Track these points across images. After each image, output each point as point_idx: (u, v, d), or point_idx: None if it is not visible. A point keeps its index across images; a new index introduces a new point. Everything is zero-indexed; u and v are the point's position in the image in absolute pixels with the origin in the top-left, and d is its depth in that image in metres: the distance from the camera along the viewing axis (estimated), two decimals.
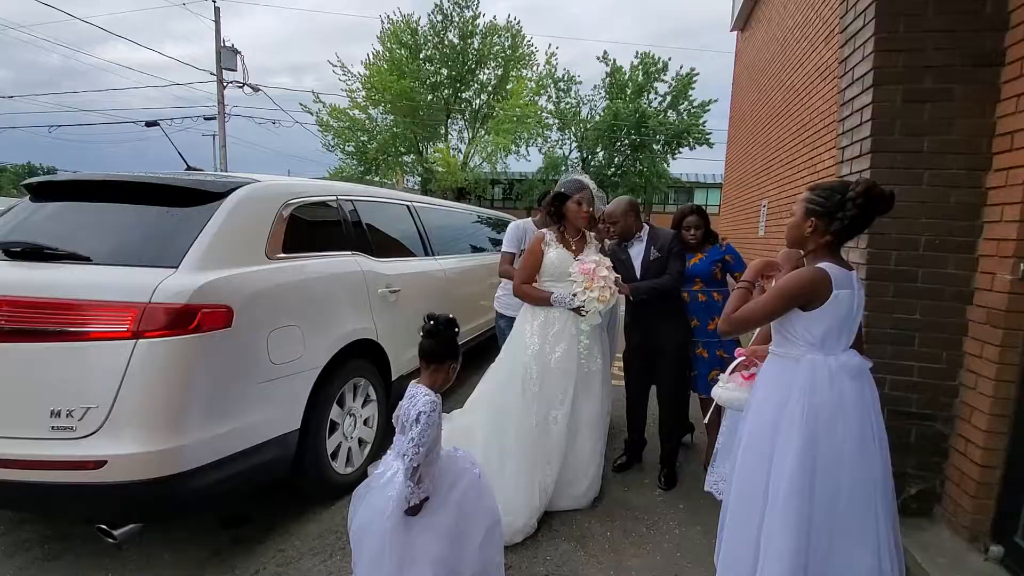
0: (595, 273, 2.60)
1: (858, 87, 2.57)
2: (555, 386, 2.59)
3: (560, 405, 2.60)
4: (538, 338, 2.63)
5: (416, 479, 1.59)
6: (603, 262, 2.67)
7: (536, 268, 2.73)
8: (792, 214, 1.84)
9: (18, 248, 2.09)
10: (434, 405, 1.62)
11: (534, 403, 2.55)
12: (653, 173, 24.75)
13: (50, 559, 2.24)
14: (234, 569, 2.19)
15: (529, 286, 2.74)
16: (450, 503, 1.70)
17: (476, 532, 1.75)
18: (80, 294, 1.89)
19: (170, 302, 1.90)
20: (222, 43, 17.17)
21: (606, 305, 2.61)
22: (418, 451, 1.55)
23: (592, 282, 2.58)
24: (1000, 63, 2.29)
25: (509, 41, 23.81)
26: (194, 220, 2.21)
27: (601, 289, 2.58)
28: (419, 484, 1.60)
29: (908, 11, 2.37)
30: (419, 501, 1.62)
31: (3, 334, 1.87)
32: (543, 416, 2.56)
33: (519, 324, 2.76)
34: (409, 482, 1.59)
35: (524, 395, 2.56)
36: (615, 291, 2.64)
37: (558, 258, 2.68)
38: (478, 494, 1.78)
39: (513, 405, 2.56)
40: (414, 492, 1.60)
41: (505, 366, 2.70)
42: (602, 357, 2.79)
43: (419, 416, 1.58)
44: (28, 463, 1.78)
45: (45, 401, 1.82)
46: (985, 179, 2.31)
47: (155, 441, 1.84)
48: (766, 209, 6.83)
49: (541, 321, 2.67)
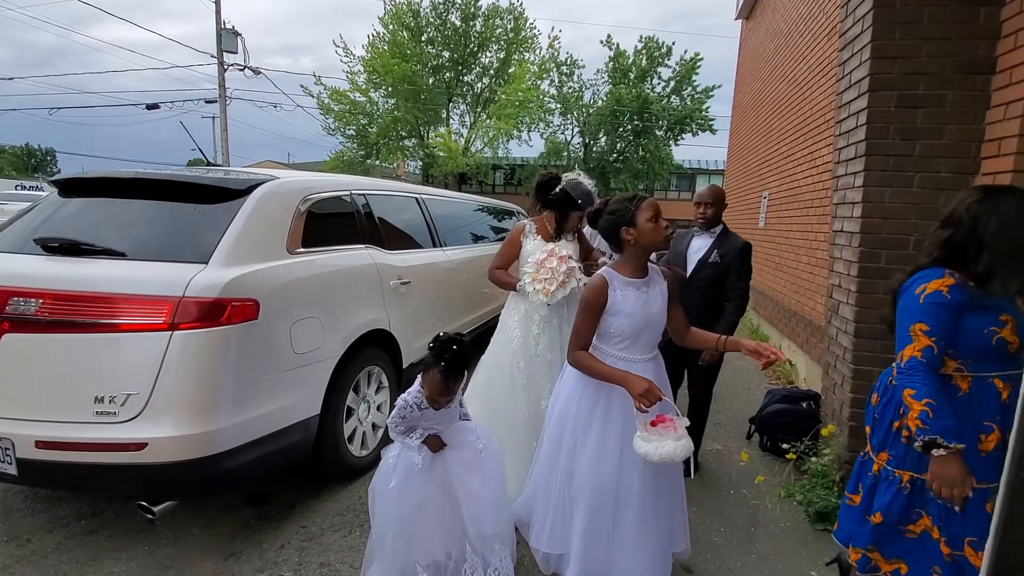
0: (543, 263, 2.55)
1: (855, 91, 2.66)
2: (541, 376, 2.62)
3: (549, 394, 2.64)
4: (520, 331, 2.66)
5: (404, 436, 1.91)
6: (557, 252, 2.57)
7: (512, 257, 2.80)
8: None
9: (56, 244, 2.21)
10: (406, 402, 1.89)
11: (523, 393, 2.61)
12: (655, 159, 24.67)
13: (87, 534, 2.40)
14: (261, 544, 2.35)
15: (501, 271, 2.79)
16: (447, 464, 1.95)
17: (470, 500, 1.94)
18: (118, 288, 2.02)
19: (202, 296, 2.03)
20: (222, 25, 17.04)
21: (550, 297, 2.53)
22: (394, 427, 1.91)
23: (537, 273, 2.55)
24: (991, 71, 2.39)
25: (512, 24, 23.57)
26: (220, 217, 2.32)
27: (545, 281, 2.52)
28: (410, 437, 1.90)
29: (905, 19, 2.46)
30: (421, 440, 1.91)
31: (46, 325, 2.01)
32: (535, 405, 2.60)
33: (504, 316, 2.80)
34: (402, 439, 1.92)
35: (513, 388, 2.61)
36: (563, 283, 2.52)
37: (535, 248, 2.69)
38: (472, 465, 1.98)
39: (503, 400, 2.61)
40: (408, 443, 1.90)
41: (493, 358, 2.74)
42: None
43: (397, 403, 1.91)
44: (76, 445, 1.93)
45: (89, 388, 1.97)
46: (973, 183, 2.42)
47: (191, 425, 1.98)
48: (767, 200, 6.91)
49: (523, 313, 2.69)
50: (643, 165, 24.62)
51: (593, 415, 1.91)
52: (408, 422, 1.90)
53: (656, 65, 24.51)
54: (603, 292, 1.84)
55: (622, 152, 25.34)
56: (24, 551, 2.26)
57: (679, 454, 1.66)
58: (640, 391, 1.70)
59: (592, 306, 1.85)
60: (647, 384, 1.72)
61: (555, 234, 2.75)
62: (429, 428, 1.93)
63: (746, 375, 5.21)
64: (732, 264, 2.82)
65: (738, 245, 2.85)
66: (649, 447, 1.67)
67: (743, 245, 2.86)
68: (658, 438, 1.68)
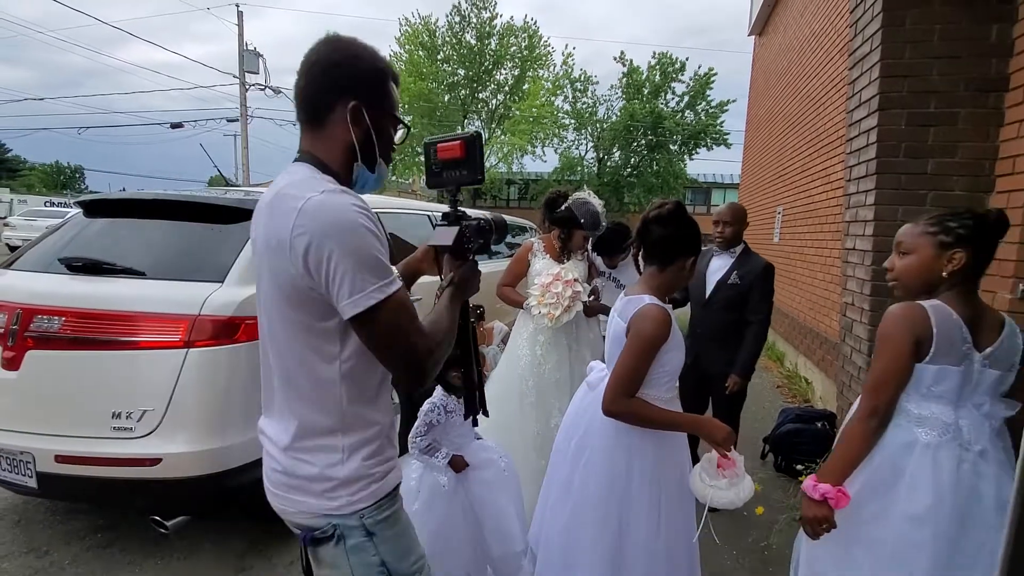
0: (548, 287, 2.53)
1: (865, 110, 2.66)
2: (550, 395, 2.61)
3: (559, 413, 2.59)
4: (528, 349, 2.65)
5: (428, 452, 1.91)
6: (563, 276, 2.55)
7: (520, 275, 2.80)
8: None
9: (79, 263, 2.29)
10: (434, 405, 1.94)
11: (532, 411, 2.60)
12: (670, 173, 24.65)
13: (103, 547, 2.44)
14: (271, 559, 2.37)
15: (509, 288, 2.80)
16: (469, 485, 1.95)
17: (497, 518, 1.95)
18: (137, 307, 2.09)
19: (217, 314, 2.08)
20: (244, 46, 17.56)
21: (554, 323, 2.52)
22: (417, 439, 1.92)
23: (543, 297, 2.53)
24: (1004, 88, 2.37)
25: (526, 42, 23.94)
26: (236, 236, 2.38)
27: (550, 306, 2.51)
28: (432, 455, 1.90)
29: (914, 38, 2.46)
30: (447, 460, 1.91)
31: (68, 343, 2.08)
32: (544, 423, 2.60)
33: (513, 334, 2.81)
34: (425, 456, 1.91)
35: (522, 407, 2.60)
36: (568, 307, 2.51)
37: (543, 268, 2.69)
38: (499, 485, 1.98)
39: (513, 419, 2.60)
40: (434, 463, 1.90)
41: (502, 375, 2.72)
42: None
43: (422, 411, 1.94)
44: (93, 459, 1.99)
45: (107, 404, 2.02)
46: (987, 201, 2.39)
47: (204, 441, 2.03)
48: (781, 216, 6.86)
49: (531, 331, 2.68)
50: (657, 179, 24.59)
51: (652, 485, 1.59)
52: (433, 432, 1.91)
53: (670, 80, 24.60)
54: (670, 323, 1.52)
55: (636, 167, 25.37)
56: (43, 562, 2.31)
57: (746, 496, 1.49)
58: (723, 437, 1.50)
59: (657, 344, 1.51)
60: (728, 428, 1.52)
61: (561, 252, 2.76)
62: (451, 446, 1.94)
63: (760, 393, 5.12)
64: (753, 286, 2.71)
65: (760, 267, 2.74)
66: (732, 494, 1.48)
67: (765, 267, 2.74)
68: (728, 482, 1.49)
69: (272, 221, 0.96)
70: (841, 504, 1.35)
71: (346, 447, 1.02)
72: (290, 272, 0.93)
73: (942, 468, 1.32)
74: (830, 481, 1.36)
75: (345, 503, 1.02)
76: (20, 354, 2.10)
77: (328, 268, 0.90)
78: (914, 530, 1.32)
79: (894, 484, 1.36)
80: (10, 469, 2.10)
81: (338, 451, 1.01)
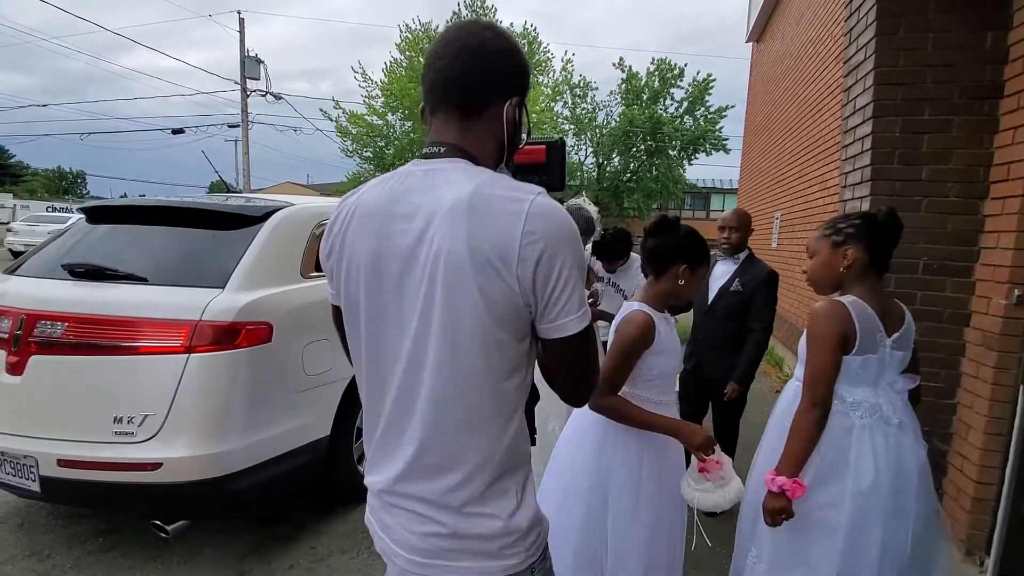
0: None
1: (859, 117, 2.68)
2: (548, 400, 2.63)
3: (556, 417, 2.61)
4: None
5: None
6: None
7: None
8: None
9: (82, 269, 2.31)
10: None
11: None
12: (669, 178, 24.73)
13: (104, 551, 2.46)
14: (271, 563, 2.38)
15: None
16: None
17: None
18: (139, 312, 2.11)
19: (218, 320, 2.10)
20: (246, 52, 17.67)
21: None
22: None
23: None
24: (999, 96, 2.39)
25: (526, 48, 24.05)
26: (237, 242, 2.41)
27: None
28: None
29: (908, 46, 2.48)
30: None
31: (71, 348, 2.10)
32: (541, 426, 2.63)
33: None
34: None
35: None
36: None
37: None
38: None
39: None
40: None
41: None
42: None
43: None
44: (95, 464, 2.00)
45: (109, 409, 2.04)
46: (982, 207, 2.41)
47: (205, 446, 2.04)
48: (779, 221, 6.89)
49: None
50: (657, 184, 24.69)
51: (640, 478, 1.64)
52: None
53: (669, 86, 24.72)
54: (652, 329, 1.58)
55: (635, 172, 25.46)
56: (45, 566, 2.32)
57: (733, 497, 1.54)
58: (700, 443, 1.54)
59: (638, 346, 1.57)
60: (705, 433, 1.57)
61: None
62: None
63: (760, 398, 5.13)
64: (756, 293, 2.68)
65: (763, 274, 2.71)
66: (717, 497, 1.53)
67: (768, 274, 2.72)
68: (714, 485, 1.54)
69: (481, 229, 0.77)
70: (797, 495, 1.47)
71: (517, 489, 0.87)
72: (505, 285, 0.78)
73: (878, 445, 1.52)
74: (786, 474, 1.48)
75: (523, 559, 0.86)
76: (24, 359, 2.12)
77: (559, 280, 0.79)
78: (866, 504, 1.50)
79: (844, 466, 1.53)
80: (14, 473, 2.12)
81: (512, 495, 0.86)
